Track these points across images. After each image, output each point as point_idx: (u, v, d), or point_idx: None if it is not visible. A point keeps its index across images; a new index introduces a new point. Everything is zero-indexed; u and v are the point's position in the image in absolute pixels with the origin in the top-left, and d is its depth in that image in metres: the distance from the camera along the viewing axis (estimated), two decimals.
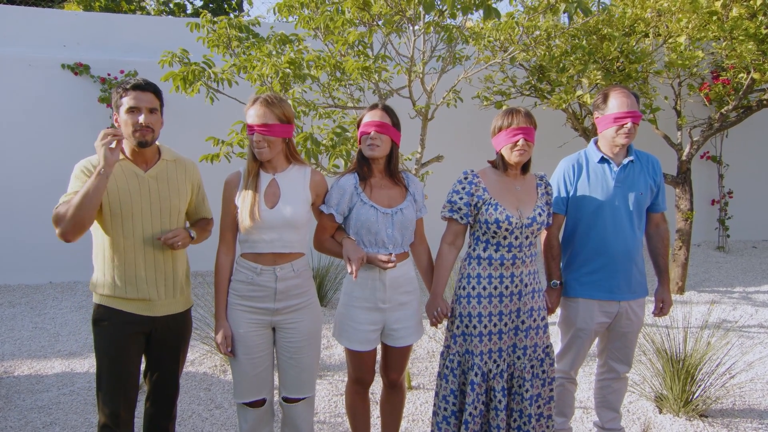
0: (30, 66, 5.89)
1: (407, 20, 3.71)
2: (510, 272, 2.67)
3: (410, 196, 2.73)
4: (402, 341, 2.75)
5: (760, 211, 7.88)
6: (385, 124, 2.60)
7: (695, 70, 5.53)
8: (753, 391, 3.95)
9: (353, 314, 2.69)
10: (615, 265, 2.87)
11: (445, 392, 2.75)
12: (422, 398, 3.80)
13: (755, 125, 7.41)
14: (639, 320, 2.99)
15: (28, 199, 5.91)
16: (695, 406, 3.58)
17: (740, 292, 5.88)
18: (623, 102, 2.85)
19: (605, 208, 2.88)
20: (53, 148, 5.92)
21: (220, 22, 4.10)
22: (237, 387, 2.58)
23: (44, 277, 6.08)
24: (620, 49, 4.88)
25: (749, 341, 4.72)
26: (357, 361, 2.75)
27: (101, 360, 2.45)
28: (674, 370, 3.61)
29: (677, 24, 4.92)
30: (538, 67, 5.21)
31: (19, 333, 4.80)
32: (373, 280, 2.66)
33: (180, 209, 2.56)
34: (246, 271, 2.53)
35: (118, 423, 2.46)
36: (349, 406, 2.90)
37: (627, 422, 3.53)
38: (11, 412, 3.57)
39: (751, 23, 4.70)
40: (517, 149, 2.59)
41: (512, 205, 2.66)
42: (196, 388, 3.89)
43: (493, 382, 2.70)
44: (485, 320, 2.68)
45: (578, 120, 5.68)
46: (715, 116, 5.79)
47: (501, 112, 2.69)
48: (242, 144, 3.68)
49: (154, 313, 2.49)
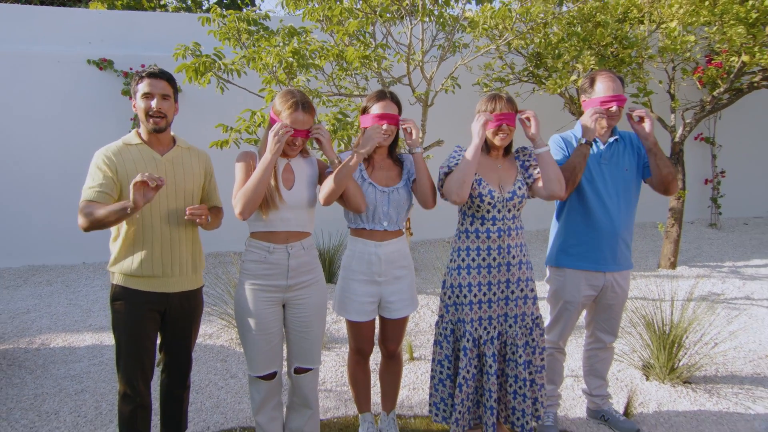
0: (59, 62, 5.91)
1: (404, 10, 3.66)
2: (497, 245, 2.67)
3: (405, 176, 2.75)
4: (398, 313, 2.76)
5: (751, 189, 7.74)
6: (396, 116, 2.66)
7: (688, 55, 5.40)
8: (735, 359, 3.92)
9: (351, 287, 2.70)
10: (601, 239, 2.84)
11: (440, 357, 2.77)
12: (423, 368, 3.81)
13: (747, 107, 7.25)
14: (624, 292, 2.96)
15: (61, 187, 5.96)
16: (680, 373, 3.56)
17: (730, 266, 5.81)
18: (609, 86, 2.80)
19: (592, 185, 2.84)
20: (82, 138, 5.94)
21: (229, 16, 4.07)
22: (251, 362, 2.58)
23: (78, 258, 6.16)
24: (614, 35, 4.78)
25: (735, 312, 4.67)
26: (356, 332, 2.77)
27: (120, 337, 2.46)
28: (661, 340, 3.58)
29: (669, 9, 4.79)
30: (535, 54, 5.12)
31: (55, 309, 4.89)
32: (369, 254, 2.67)
33: (194, 193, 2.55)
34: (258, 251, 2.52)
35: (137, 393, 2.50)
36: (351, 375, 2.92)
37: (615, 389, 3.52)
38: (47, 380, 3.66)
39: (741, 7, 4.56)
40: (500, 134, 2.63)
41: (494, 181, 2.69)
42: (213, 360, 3.94)
43: (484, 348, 2.71)
44: (475, 290, 2.68)
45: (575, 104, 5.59)
46: (708, 99, 5.66)
47: (484, 98, 2.68)
48: (250, 131, 3.67)
49: (168, 289, 2.49)
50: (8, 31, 5.92)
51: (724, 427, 3.15)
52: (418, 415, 3.25)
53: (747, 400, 3.40)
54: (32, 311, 4.84)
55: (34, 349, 4.13)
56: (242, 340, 2.59)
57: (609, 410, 3.17)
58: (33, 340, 4.30)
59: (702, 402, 3.38)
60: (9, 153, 5.87)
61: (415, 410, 3.30)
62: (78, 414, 3.30)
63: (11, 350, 4.11)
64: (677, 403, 3.37)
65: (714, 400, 3.40)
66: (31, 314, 4.78)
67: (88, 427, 3.17)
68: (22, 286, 5.46)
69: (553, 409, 3.08)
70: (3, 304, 4.98)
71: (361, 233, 2.70)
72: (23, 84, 5.83)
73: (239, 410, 3.32)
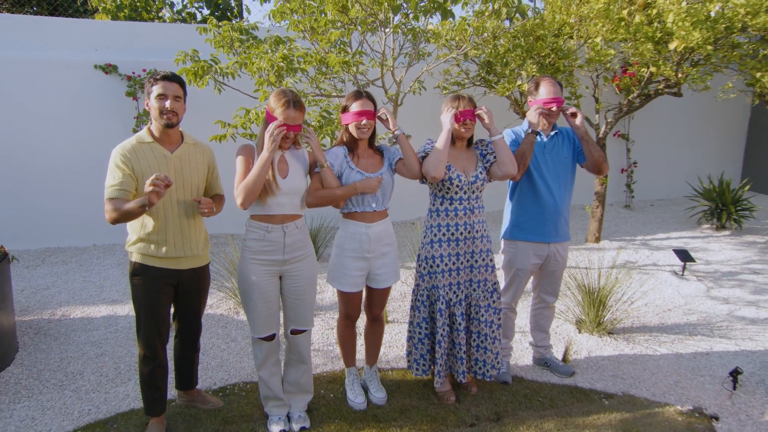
0: (68, 67, 5.64)
1: (379, 22, 3.60)
2: (464, 221, 2.69)
3: (386, 162, 2.72)
4: (383, 284, 2.75)
5: (657, 176, 7.99)
6: (373, 111, 2.61)
7: (608, 66, 5.50)
8: (646, 313, 4.08)
9: (344, 263, 2.67)
10: (546, 215, 2.89)
11: (418, 320, 2.79)
12: (396, 330, 3.83)
13: (654, 109, 7.47)
14: (564, 261, 3.03)
15: (72, 179, 5.74)
16: (605, 326, 3.68)
17: (641, 239, 6.01)
18: (551, 90, 2.83)
19: (538, 171, 2.89)
20: (90, 135, 5.72)
21: (224, 26, 3.92)
22: (254, 326, 2.55)
23: (89, 241, 5.93)
24: (551, 48, 4.82)
25: (645, 276, 4.84)
26: (347, 301, 2.75)
27: (139, 307, 2.41)
28: (590, 300, 3.69)
29: (594, 28, 4.86)
30: (486, 62, 5.12)
31: (72, 285, 4.70)
32: (360, 234, 2.65)
33: (199, 186, 2.50)
34: (257, 230, 2.48)
35: (155, 355, 2.46)
36: (340, 336, 2.91)
37: (555, 341, 3.61)
38: (70, 346, 3.53)
39: (649, 28, 4.67)
40: (464, 127, 2.67)
41: (460, 167, 2.71)
42: (215, 326, 3.87)
43: (454, 309, 2.74)
44: (446, 260, 2.71)
45: (519, 105, 5.63)
46: (624, 102, 5.79)
47: (450, 98, 2.71)
48: (245, 126, 3.57)
49: (180, 267, 2.45)
50: (23, 39, 5.62)
51: (637, 366, 3.29)
52: (394, 368, 3.28)
53: (654, 345, 3.55)
54: (51, 287, 4.64)
55: (56, 320, 3.97)
56: (245, 307, 2.55)
57: (550, 358, 3.26)
58: (54, 312, 4.13)
59: (621, 348, 3.51)
60: (25, 148, 5.61)
61: (392, 364, 3.32)
62: (100, 374, 3.21)
63: (36, 321, 3.94)
64: (603, 350, 3.49)
65: (630, 346, 3.53)
66: (50, 290, 4.58)
67: (110, 385, 3.09)
68: (40, 266, 5.22)
69: (506, 359, 3.15)
70: (25, 282, 4.75)
71: (353, 216, 2.67)
72: (37, 87, 5.56)
73: (240, 368, 3.27)
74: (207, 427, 2.69)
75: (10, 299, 3.35)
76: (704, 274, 4.87)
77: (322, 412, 2.80)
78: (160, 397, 2.54)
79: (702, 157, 8.20)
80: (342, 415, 2.79)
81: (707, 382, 3.10)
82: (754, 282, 4.66)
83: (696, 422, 2.73)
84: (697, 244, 5.80)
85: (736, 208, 6.25)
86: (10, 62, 5.46)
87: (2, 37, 5.54)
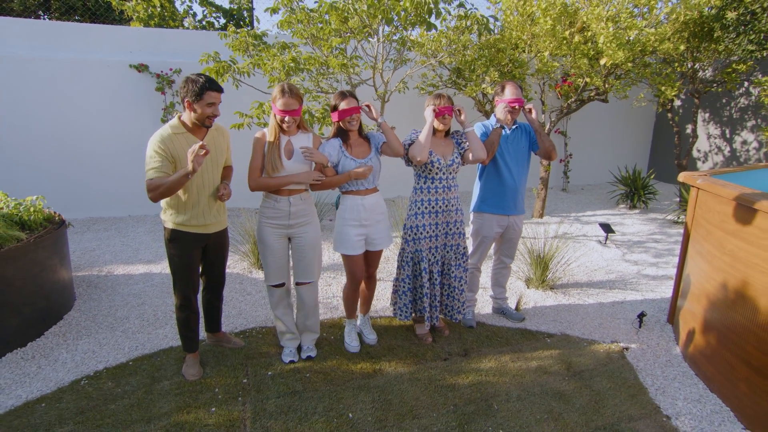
0: (108, 67, 5.34)
1: (373, 32, 3.46)
2: (442, 197, 2.66)
3: (374, 148, 2.64)
4: (378, 247, 2.70)
5: (587, 165, 8.07)
6: (358, 107, 2.52)
7: (553, 75, 5.47)
8: (578, 272, 4.14)
9: (346, 230, 2.61)
10: (507, 192, 2.88)
11: (403, 276, 2.77)
12: (381, 286, 3.78)
13: (587, 112, 7.51)
14: (520, 230, 3.03)
15: (111, 161, 5.51)
16: (548, 283, 3.73)
17: (574, 216, 6.10)
18: (514, 92, 2.78)
19: (502, 157, 2.86)
20: (126, 124, 5.47)
21: (241, 32, 3.73)
22: (267, 275, 2.54)
23: (125, 212, 5.72)
24: (509, 59, 4.74)
25: (578, 245, 4.91)
26: (351, 263, 2.68)
27: (175, 266, 2.35)
28: (537, 262, 3.73)
29: (543, 44, 4.80)
30: (456, 68, 5.02)
31: (113, 248, 4.54)
32: (357, 205, 2.59)
33: (221, 163, 2.43)
34: (269, 200, 2.46)
35: (189, 303, 2.42)
36: (346, 298, 2.82)
37: (510, 294, 3.64)
38: (116, 296, 3.44)
39: (585, 47, 4.65)
40: (443, 121, 2.63)
41: (440, 153, 2.68)
42: (233, 282, 3.78)
43: (432, 267, 2.73)
44: (427, 229, 2.68)
45: (482, 105, 5.57)
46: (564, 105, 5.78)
47: (432, 96, 2.66)
48: (259, 117, 3.43)
49: (208, 231, 2.39)
50: (70, 43, 5.32)
51: (571, 313, 3.35)
52: (381, 316, 3.26)
53: (584, 296, 3.62)
54: (96, 250, 4.47)
55: (103, 276, 3.84)
56: (262, 260, 2.54)
57: (506, 307, 3.29)
58: (101, 269, 3.99)
59: (560, 299, 3.57)
60: (72, 135, 5.35)
61: (379, 313, 3.31)
62: (142, 319, 3.14)
63: (87, 276, 3.82)
64: (546, 301, 3.55)
65: (566, 298, 3.59)
66: (96, 252, 4.42)
67: (151, 327, 3.03)
68: (86, 232, 5.02)
69: (471, 308, 3.17)
70: (75, 244, 4.58)
71: (350, 192, 2.61)
72: (81, 83, 5.28)
73: (255, 316, 3.22)
74: (232, 361, 2.66)
75: (68, 258, 3.28)
76: (621, 242, 4.98)
77: (324, 350, 2.79)
78: (194, 337, 2.51)
79: (621, 151, 8.31)
80: (341, 352, 2.78)
81: (622, 323, 3.19)
82: (655, 248, 4.78)
83: (613, 352, 2.83)
84: (615, 219, 5.91)
85: (644, 192, 6.37)
86: (61, 63, 5.19)
87: (54, 42, 5.26)
